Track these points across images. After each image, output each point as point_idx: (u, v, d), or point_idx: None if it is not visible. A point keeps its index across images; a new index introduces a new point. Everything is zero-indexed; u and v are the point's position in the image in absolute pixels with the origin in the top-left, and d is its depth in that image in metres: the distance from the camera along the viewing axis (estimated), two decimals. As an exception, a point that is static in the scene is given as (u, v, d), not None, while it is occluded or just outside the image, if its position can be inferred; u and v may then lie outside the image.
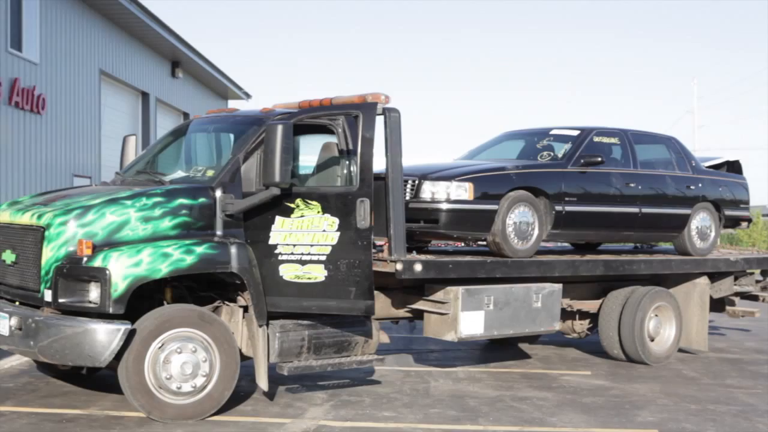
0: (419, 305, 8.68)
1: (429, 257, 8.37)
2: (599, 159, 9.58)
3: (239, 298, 7.40)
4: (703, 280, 10.92)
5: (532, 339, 11.70)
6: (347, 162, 7.61)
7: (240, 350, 7.39)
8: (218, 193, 7.11)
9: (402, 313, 8.94)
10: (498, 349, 11.31)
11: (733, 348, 12.02)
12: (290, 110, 7.88)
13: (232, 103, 31.21)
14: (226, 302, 7.49)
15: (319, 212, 7.24)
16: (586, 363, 10.40)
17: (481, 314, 8.49)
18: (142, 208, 6.88)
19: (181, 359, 6.87)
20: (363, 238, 7.24)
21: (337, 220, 7.24)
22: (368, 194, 7.27)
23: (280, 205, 7.20)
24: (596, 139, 10.04)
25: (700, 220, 10.75)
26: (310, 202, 7.26)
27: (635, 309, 10.13)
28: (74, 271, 6.63)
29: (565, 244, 11.89)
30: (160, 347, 6.82)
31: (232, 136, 7.93)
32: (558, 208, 9.20)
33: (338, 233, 7.22)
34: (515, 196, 8.84)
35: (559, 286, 9.16)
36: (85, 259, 6.62)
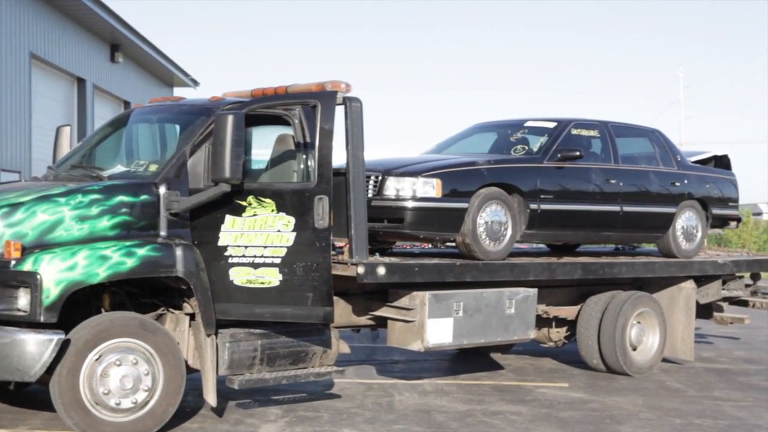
0: (382, 312, 8.70)
1: (393, 260, 8.40)
2: (578, 153, 9.67)
3: (185, 304, 7.37)
4: (689, 285, 11.07)
5: (505, 348, 11.78)
6: (304, 156, 7.61)
7: (186, 362, 7.35)
8: (162, 190, 7.07)
9: (364, 320, 8.95)
10: (468, 359, 11.37)
11: (721, 357, 12.20)
12: (242, 99, 7.86)
13: (178, 91, 31.02)
14: (171, 309, 7.46)
15: (273, 211, 7.23)
16: (564, 374, 10.50)
17: (449, 321, 8.53)
18: (78, 206, 6.83)
19: (120, 372, 6.83)
20: (321, 238, 7.24)
21: (292, 220, 7.24)
22: (327, 191, 7.27)
23: (230, 203, 7.17)
24: (574, 131, 10.14)
25: (686, 220, 10.89)
26: (263, 199, 7.25)
27: (616, 315, 10.25)
28: (1, 276, 6.55)
29: (541, 246, 11.99)
30: (97, 359, 6.77)
31: (177, 127, 7.88)
32: (533, 206, 9.27)
33: (294, 234, 7.21)
34: (487, 193, 8.89)
35: (534, 291, 9.23)
36: (13, 262, 6.55)
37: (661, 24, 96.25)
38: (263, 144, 8.17)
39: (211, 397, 7.24)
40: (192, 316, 7.37)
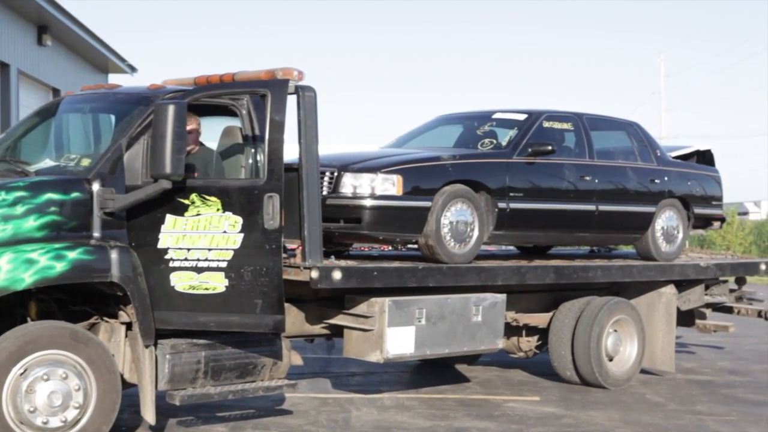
0: (338, 320, 8.71)
1: (350, 263, 8.42)
2: (550, 148, 9.73)
3: (121, 313, 7.33)
4: (670, 290, 11.20)
5: (471, 359, 11.85)
6: (253, 150, 7.63)
7: (122, 376, 7.31)
8: (95, 187, 7.02)
9: (318, 329, 8.96)
10: (431, 371, 11.42)
11: (703, 368, 12.34)
12: (184, 87, 7.85)
13: (114, 78, 30.79)
14: (105, 318, 7.41)
15: (218, 210, 7.22)
16: (534, 387, 10.58)
17: (411, 330, 8.56)
18: (1, 205, 6.76)
19: (48, 388, 6.78)
20: (271, 240, 7.25)
21: (240, 220, 7.23)
22: (277, 188, 7.28)
23: (171, 201, 7.16)
24: (546, 124, 10.22)
25: (666, 220, 11.02)
26: (207, 198, 7.24)
27: (591, 323, 10.35)
28: None
29: (510, 248, 12.06)
30: (22, 374, 6.72)
31: (112, 117, 7.85)
32: (501, 205, 9.33)
33: (242, 235, 7.22)
34: (452, 190, 8.93)
35: (502, 297, 9.30)
36: (-71, 266, 6.48)
37: (640, 8, 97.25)
38: (208, 137, 8.17)
39: (149, 414, 7.21)
40: (128, 326, 7.34)
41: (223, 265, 7.21)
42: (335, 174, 8.69)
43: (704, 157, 12.19)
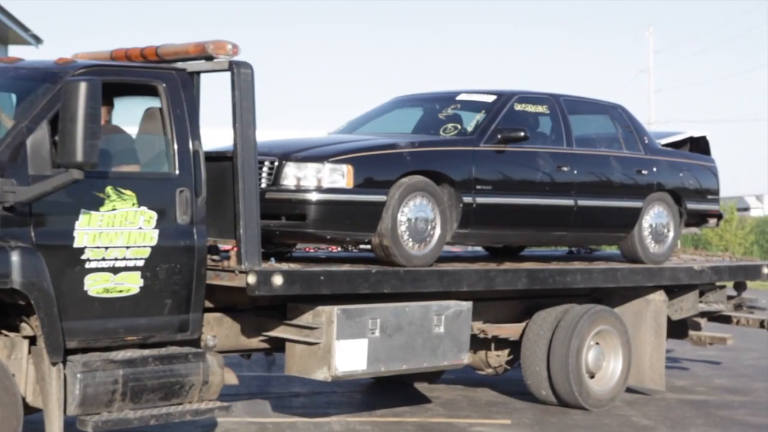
0: (279, 332, 8.71)
1: (293, 266, 8.41)
2: (522, 134, 9.77)
3: (23, 325, 7.26)
4: (659, 297, 11.26)
5: (433, 377, 11.86)
6: (170, 137, 7.74)
7: (24, 399, 7.23)
8: (-7, 177, 6.97)
9: (256, 343, 8.94)
10: (386, 390, 11.43)
11: (698, 386, 12.43)
12: (99, 62, 7.83)
13: (14, 51, 30.46)
14: (4, 332, 7.33)
15: (134, 204, 7.42)
16: (505, 408, 10.62)
17: (363, 343, 8.57)
18: None
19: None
20: (185, 236, 7.58)
21: (155, 215, 7.48)
22: (188, 183, 7.60)
23: (85, 194, 7.18)
24: (518, 106, 10.26)
25: (655, 216, 11.11)
26: (123, 191, 7.37)
27: (569, 335, 10.39)
28: None
29: (478, 248, 12.11)
30: None
31: (13, 96, 7.77)
32: (467, 199, 9.37)
33: (157, 231, 7.48)
34: (410, 183, 8.95)
35: (468, 305, 9.32)
36: None
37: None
38: (126, 120, 8.15)
39: (57, 443, 7.15)
40: (32, 340, 7.26)
41: (140, 264, 7.44)
42: (275, 164, 8.69)
43: (698, 145, 12.28)
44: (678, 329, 12.12)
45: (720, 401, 11.42)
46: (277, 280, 7.98)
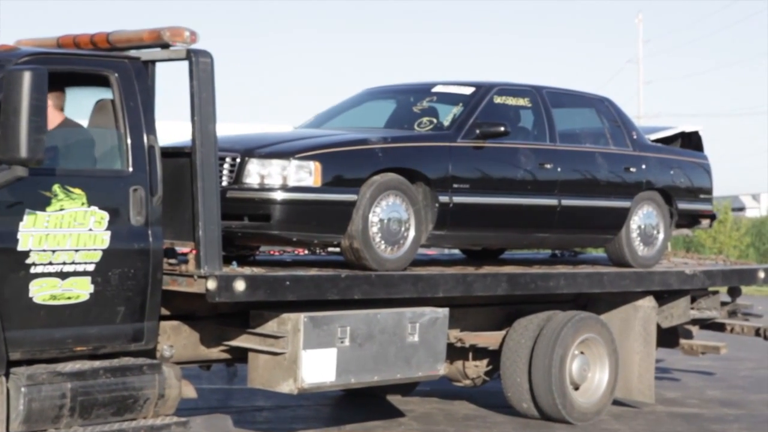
0: (241, 342, 8.68)
1: (257, 270, 8.38)
2: (502, 129, 9.78)
3: (-39, 335, 7.20)
4: (648, 303, 11.31)
5: (406, 389, 11.85)
6: (123, 131, 7.71)
7: (-37, 416, 7.18)
8: (-75, 175, 6.94)
9: (216, 353, 8.92)
10: (357, 403, 11.42)
11: (689, 399, 12.46)
12: (44, 50, 7.78)
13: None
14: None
15: (84, 204, 7.38)
16: (483, 422, 10.62)
17: (332, 353, 8.55)
18: None
19: None
20: (139, 238, 7.56)
21: (106, 215, 7.46)
22: (143, 181, 7.58)
23: (30, 192, 7.13)
24: (498, 99, 10.28)
25: (644, 217, 11.15)
26: (71, 189, 7.33)
27: (552, 344, 10.39)
28: None
29: (454, 251, 12.11)
30: None
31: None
32: (443, 198, 9.38)
33: (109, 233, 7.45)
34: (382, 181, 8.96)
35: (444, 312, 9.32)
36: None
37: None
38: (76, 113, 8.10)
39: (-2, 465, 7.11)
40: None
41: (91, 268, 7.40)
42: (238, 160, 8.67)
43: (690, 141, 12.32)
44: (668, 337, 12.16)
45: (713, 415, 11.45)
46: (240, 285, 7.94)
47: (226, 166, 8.64)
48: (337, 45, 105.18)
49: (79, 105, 8.21)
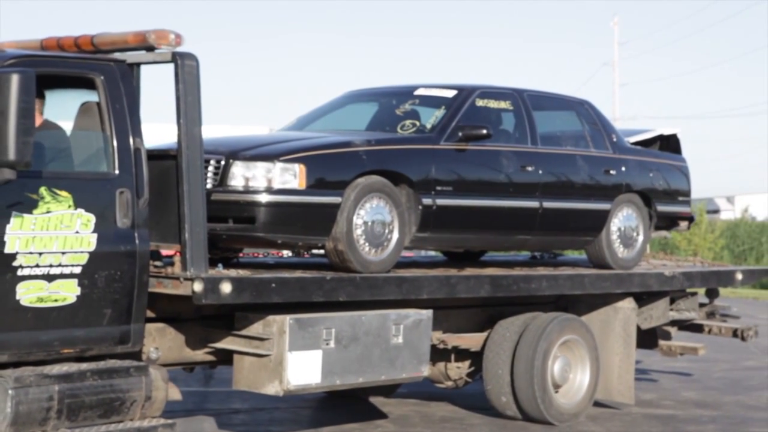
0: (226, 344, 8.69)
1: (242, 273, 8.41)
2: (485, 131, 9.84)
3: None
4: (628, 304, 11.37)
5: (389, 390, 11.84)
6: (109, 134, 7.72)
7: (-52, 419, 7.18)
8: None
9: (201, 355, 8.92)
10: (336, 406, 11.42)
11: (664, 400, 12.50)
12: (31, 52, 7.80)
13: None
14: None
15: (70, 207, 7.42)
16: (461, 424, 10.63)
17: (317, 355, 8.58)
18: None
19: None
20: (125, 241, 7.60)
21: (92, 218, 7.49)
22: (129, 183, 7.63)
23: (17, 195, 7.15)
24: (480, 102, 10.32)
25: (624, 219, 11.21)
26: (58, 192, 7.36)
27: (535, 345, 10.41)
28: None
29: (433, 253, 12.13)
30: None
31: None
32: (426, 201, 9.41)
33: (95, 235, 7.50)
34: (366, 183, 8.98)
35: (428, 314, 9.37)
36: None
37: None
38: (60, 115, 8.09)
39: (-15, 468, 7.11)
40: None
41: (78, 270, 7.44)
42: (222, 163, 8.68)
43: (669, 144, 12.42)
44: (647, 339, 12.21)
45: (688, 416, 11.49)
46: (226, 287, 7.95)
47: (210, 168, 8.65)
48: (316, 47, 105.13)
49: (62, 107, 8.20)
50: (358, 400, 11.63)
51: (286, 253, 11.99)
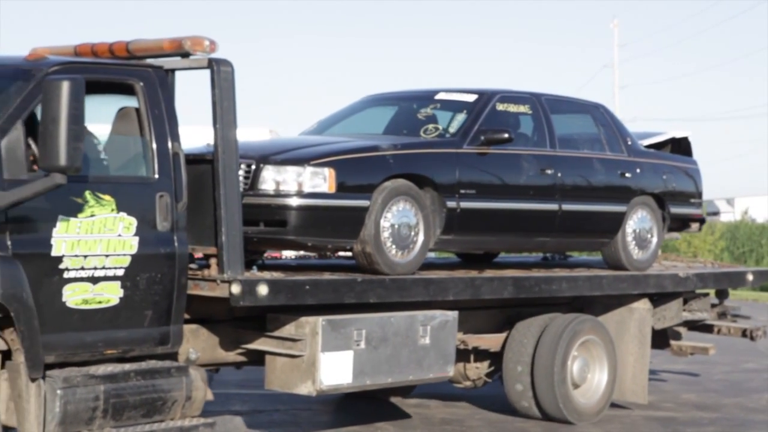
0: (259, 345, 8.81)
1: (276, 275, 8.52)
2: (507, 135, 9.95)
3: (-2, 339, 7.30)
4: (643, 305, 11.51)
5: (406, 390, 11.96)
6: (149, 138, 7.82)
7: (-2, 418, 7.28)
8: (-36, 184, 6.99)
9: (233, 356, 9.03)
10: (333, 407, 11.50)
11: (664, 402, 12.48)
12: (73, 59, 7.91)
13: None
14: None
15: (113, 210, 7.50)
16: (460, 426, 10.65)
17: (348, 356, 8.71)
18: None
19: None
20: (165, 243, 7.72)
21: (134, 221, 7.59)
22: (168, 187, 7.73)
23: (63, 200, 7.24)
24: (500, 106, 10.46)
25: (639, 221, 11.36)
26: (101, 196, 7.45)
27: (554, 345, 10.56)
28: None
29: (447, 255, 12.22)
30: None
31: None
32: (451, 204, 9.55)
33: (137, 238, 7.60)
34: (393, 187, 9.10)
35: (453, 315, 9.51)
36: None
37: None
38: (99, 118, 8.19)
39: (35, 465, 7.18)
40: (6, 354, 7.27)
41: (121, 273, 7.55)
42: (253, 167, 8.77)
43: (680, 146, 12.57)
44: (659, 339, 12.31)
45: (688, 418, 11.49)
46: (263, 289, 8.06)
47: (241, 172, 8.64)
48: (316, 48, 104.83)
49: (97, 112, 8.28)
50: (376, 400, 11.64)
51: (286, 254, 12.13)
